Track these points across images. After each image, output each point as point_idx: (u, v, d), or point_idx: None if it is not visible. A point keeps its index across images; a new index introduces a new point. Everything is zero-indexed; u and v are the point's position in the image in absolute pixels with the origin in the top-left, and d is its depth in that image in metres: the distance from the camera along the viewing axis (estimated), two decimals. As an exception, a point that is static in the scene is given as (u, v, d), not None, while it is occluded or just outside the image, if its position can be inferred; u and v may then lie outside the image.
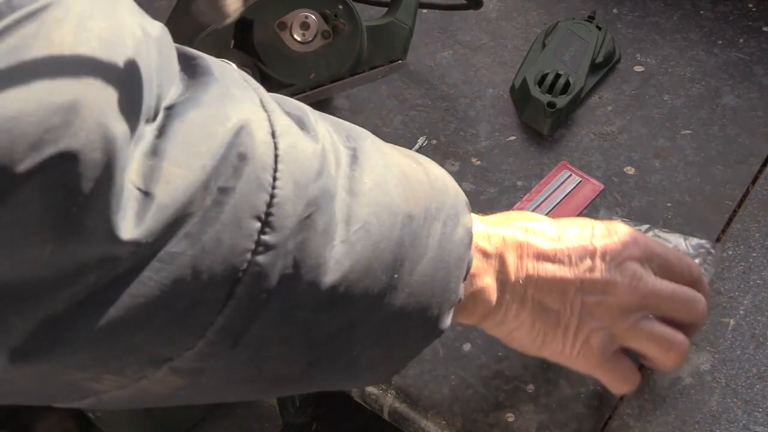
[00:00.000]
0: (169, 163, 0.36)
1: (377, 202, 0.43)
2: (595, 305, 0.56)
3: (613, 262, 0.56)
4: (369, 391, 0.69)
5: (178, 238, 0.36)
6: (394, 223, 0.43)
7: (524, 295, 0.55)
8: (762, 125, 0.84)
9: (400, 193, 0.45)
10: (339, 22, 0.72)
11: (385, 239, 0.43)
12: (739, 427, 0.66)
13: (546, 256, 0.55)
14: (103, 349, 0.36)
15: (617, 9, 0.94)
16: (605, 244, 0.57)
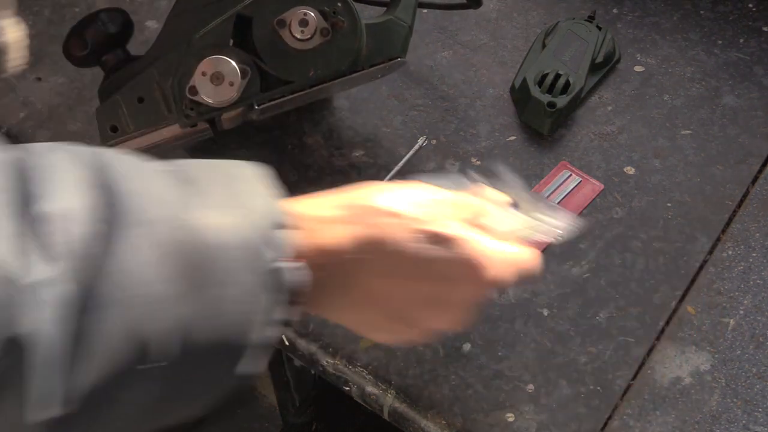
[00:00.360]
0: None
1: (128, 296, 0.40)
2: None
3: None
4: (369, 391, 0.69)
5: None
6: (151, 310, 0.41)
7: (354, 278, 0.51)
8: (762, 125, 0.84)
9: (167, 275, 0.41)
10: (338, 20, 0.72)
11: (133, 329, 0.40)
12: (739, 427, 0.66)
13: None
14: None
15: (617, 9, 0.94)
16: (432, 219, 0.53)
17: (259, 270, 0.45)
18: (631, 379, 0.69)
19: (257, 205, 0.47)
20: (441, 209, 0.52)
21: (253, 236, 0.45)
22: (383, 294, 0.51)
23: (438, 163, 0.82)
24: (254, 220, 0.46)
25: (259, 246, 0.45)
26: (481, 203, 0.56)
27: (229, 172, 0.48)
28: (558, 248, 0.76)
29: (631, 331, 0.71)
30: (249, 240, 0.45)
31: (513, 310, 0.73)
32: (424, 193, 0.53)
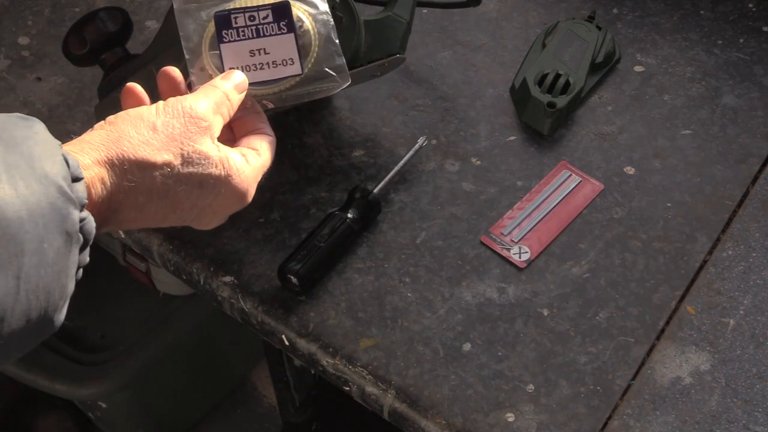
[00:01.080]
0: None
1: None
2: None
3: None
4: (369, 391, 0.69)
5: None
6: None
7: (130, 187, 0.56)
8: (762, 125, 0.84)
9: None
10: (336, 16, 0.72)
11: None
12: (739, 427, 0.66)
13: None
14: None
15: (617, 9, 0.94)
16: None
17: (64, 230, 0.47)
18: (631, 379, 0.69)
19: (49, 163, 0.48)
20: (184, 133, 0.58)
21: (54, 198, 0.47)
22: (168, 210, 0.58)
23: (438, 163, 0.82)
24: (50, 182, 0.47)
25: (62, 207, 0.47)
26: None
27: (13, 136, 0.48)
28: (558, 248, 0.76)
29: (631, 331, 0.71)
30: (52, 203, 0.47)
31: (513, 310, 0.73)
32: (167, 121, 0.58)
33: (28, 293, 0.46)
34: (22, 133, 0.49)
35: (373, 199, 0.76)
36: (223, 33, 0.68)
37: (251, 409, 1.66)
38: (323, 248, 0.73)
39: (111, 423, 1.44)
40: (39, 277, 0.46)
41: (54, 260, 0.47)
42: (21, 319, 0.46)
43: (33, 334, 0.48)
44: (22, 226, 0.45)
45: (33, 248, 0.46)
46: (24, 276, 0.45)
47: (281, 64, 0.68)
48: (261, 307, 0.73)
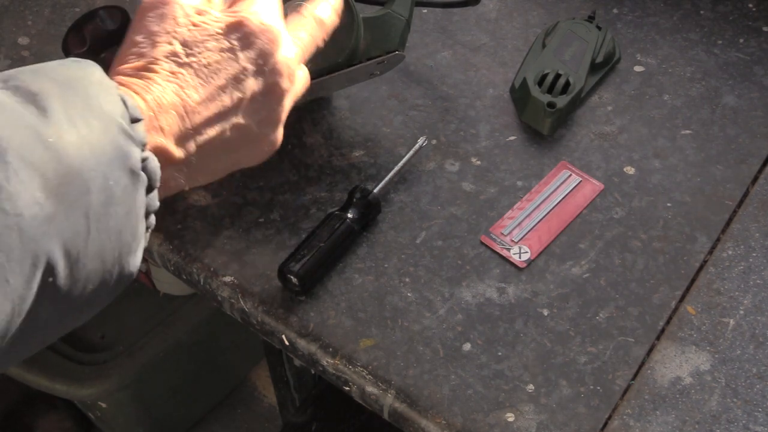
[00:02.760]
0: None
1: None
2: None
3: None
4: (369, 391, 0.69)
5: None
6: (29, 237, 0.42)
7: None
8: (762, 125, 0.84)
9: (33, 197, 0.42)
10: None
11: (20, 260, 0.41)
12: (739, 427, 0.66)
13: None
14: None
15: (617, 9, 0.94)
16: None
17: (128, 167, 0.47)
18: (631, 379, 0.69)
19: (107, 102, 0.48)
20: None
21: (114, 137, 0.47)
22: (222, 140, 0.56)
23: (438, 163, 0.82)
24: (110, 120, 0.47)
25: (123, 144, 0.47)
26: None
27: (68, 77, 0.48)
28: (558, 248, 0.76)
29: (631, 331, 0.71)
30: (113, 142, 0.46)
31: (513, 310, 0.73)
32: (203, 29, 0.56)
33: (100, 232, 0.45)
34: (78, 74, 0.48)
35: (373, 199, 0.76)
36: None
37: (251, 409, 1.66)
38: (323, 248, 0.73)
39: (111, 423, 1.44)
40: (108, 215, 0.46)
41: (121, 198, 0.47)
42: (96, 260, 0.45)
43: (110, 280, 0.47)
44: (86, 164, 0.44)
45: (99, 185, 0.45)
46: (93, 214, 0.45)
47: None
48: (261, 307, 0.73)
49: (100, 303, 0.49)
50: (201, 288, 0.76)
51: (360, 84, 0.87)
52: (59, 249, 0.43)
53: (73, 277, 0.44)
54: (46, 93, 0.45)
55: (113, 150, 0.46)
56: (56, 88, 0.46)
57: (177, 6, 0.56)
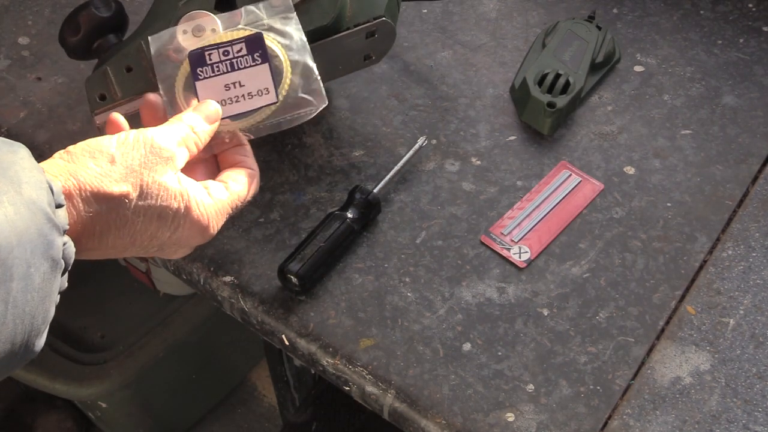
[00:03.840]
0: None
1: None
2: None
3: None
4: (369, 391, 0.69)
5: None
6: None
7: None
8: (762, 125, 0.84)
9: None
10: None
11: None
12: (739, 427, 0.66)
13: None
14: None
15: (617, 9, 0.94)
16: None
17: (50, 256, 0.48)
18: (631, 379, 0.69)
19: (34, 189, 0.49)
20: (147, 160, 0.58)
21: (41, 225, 0.48)
22: (126, 242, 0.58)
23: (438, 163, 0.82)
24: (37, 208, 0.48)
25: (48, 233, 0.48)
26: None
27: (0, 160, 0.49)
28: (558, 248, 0.76)
29: (631, 331, 0.71)
30: (39, 230, 0.48)
31: (513, 310, 0.73)
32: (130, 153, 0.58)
33: (15, 318, 0.46)
34: (8, 158, 0.49)
35: (373, 199, 0.76)
36: (198, 71, 0.69)
37: (251, 409, 1.66)
38: (323, 248, 0.73)
39: (111, 423, 1.44)
40: (26, 302, 0.47)
41: (40, 285, 0.48)
42: (6, 344, 0.46)
43: (14, 360, 0.48)
44: (12, 252, 0.46)
45: (21, 273, 0.46)
46: (12, 300, 0.46)
47: (257, 94, 0.69)
48: (261, 307, 0.73)
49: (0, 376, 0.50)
50: (201, 288, 0.76)
51: (360, 83, 0.87)
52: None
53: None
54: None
55: (38, 238, 0.47)
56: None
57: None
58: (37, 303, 0.48)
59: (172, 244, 0.61)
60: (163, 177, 0.58)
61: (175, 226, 0.59)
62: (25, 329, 0.48)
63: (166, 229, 0.59)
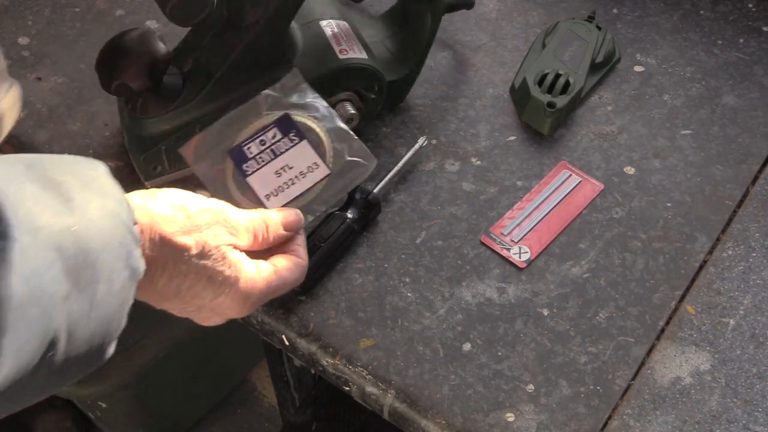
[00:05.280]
0: None
1: (25, 303, 0.43)
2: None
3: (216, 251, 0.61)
4: (369, 391, 0.69)
5: None
6: (48, 314, 0.45)
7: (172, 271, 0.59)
8: (762, 125, 0.84)
9: (55, 275, 0.45)
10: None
11: (36, 336, 0.44)
12: (739, 427, 0.66)
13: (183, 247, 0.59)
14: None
15: (617, 9, 0.94)
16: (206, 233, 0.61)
17: (129, 264, 0.51)
18: (631, 379, 0.69)
19: (116, 203, 0.52)
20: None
21: (123, 235, 0.51)
22: (172, 292, 0.60)
23: (438, 163, 0.82)
24: (119, 220, 0.51)
25: (128, 243, 0.51)
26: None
27: (83, 173, 0.52)
28: (558, 248, 0.76)
29: (631, 331, 0.71)
30: (121, 239, 0.51)
31: (513, 310, 0.73)
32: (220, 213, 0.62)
33: (97, 320, 0.49)
34: (90, 174, 0.52)
35: (373, 199, 0.76)
36: (244, 167, 0.70)
37: (251, 409, 1.66)
38: (324, 248, 0.73)
39: (111, 423, 1.43)
40: (107, 305, 0.49)
41: (119, 291, 0.50)
42: (84, 345, 0.48)
43: (88, 363, 0.51)
44: (99, 255, 0.48)
45: (105, 277, 0.49)
46: (96, 303, 0.48)
47: (308, 171, 0.71)
48: (261, 307, 0.73)
49: (71, 381, 0.52)
50: (201, 288, 0.76)
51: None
52: (65, 328, 0.46)
53: (67, 355, 0.47)
54: (69, 184, 0.49)
55: (119, 246, 0.50)
56: (77, 181, 0.50)
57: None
58: (115, 309, 0.50)
59: (211, 310, 0.63)
60: (224, 246, 0.61)
61: (221, 291, 0.61)
62: (103, 333, 0.50)
63: (211, 293, 0.61)
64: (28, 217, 0.45)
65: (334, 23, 0.81)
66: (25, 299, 0.43)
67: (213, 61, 0.74)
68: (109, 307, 0.50)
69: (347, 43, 0.80)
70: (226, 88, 0.75)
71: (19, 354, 0.43)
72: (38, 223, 0.46)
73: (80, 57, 0.91)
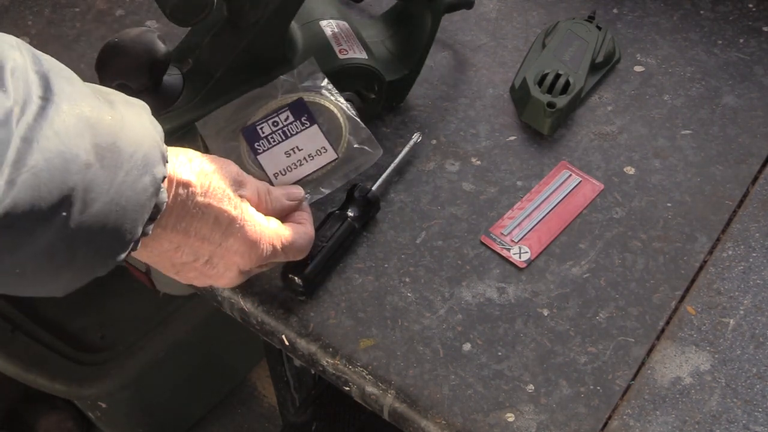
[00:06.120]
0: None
1: (51, 150, 0.48)
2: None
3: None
4: (369, 391, 0.69)
5: None
6: (68, 169, 0.49)
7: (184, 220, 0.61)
8: (762, 125, 0.84)
9: (83, 144, 0.50)
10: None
11: (54, 182, 0.48)
12: (739, 427, 0.66)
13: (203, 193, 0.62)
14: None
15: (617, 9, 0.94)
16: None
17: (151, 172, 0.54)
18: (631, 379, 0.69)
19: (150, 122, 0.57)
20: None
21: (151, 144, 0.55)
22: (180, 235, 0.61)
23: (438, 163, 0.82)
24: (150, 133, 0.56)
25: (154, 154, 0.55)
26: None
27: (133, 102, 0.58)
28: (558, 248, 0.76)
29: (631, 331, 0.71)
30: (151, 149, 0.55)
31: (513, 310, 0.73)
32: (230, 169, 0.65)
33: (113, 204, 0.52)
34: (136, 103, 0.58)
35: (372, 197, 0.76)
36: (256, 145, 0.73)
37: (251, 409, 1.66)
38: (326, 248, 0.73)
39: (111, 423, 1.44)
40: (122, 195, 0.52)
41: (139, 191, 0.53)
42: (98, 222, 0.51)
43: (97, 248, 0.53)
44: (126, 148, 0.53)
45: (128, 168, 0.52)
46: (115, 185, 0.52)
47: (316, 154, 0.74)
48: (261, 307, 0.73)
49: (79, 270, 0.54)
50: (201, 288, 0.76)
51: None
52: (81, 192, 0.50)
53: (79, 224, 0.50)
54: (115, 98, 0.56)
55: (147, 149, 0.54)
56: (122, 99, 0.57)
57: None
58: (132, 205, 0.53)
59: (221, 258, 0.64)
60: (228, 188, 0.62)
61: (229, 233, 0.62)
62: (117, 218, 0.52)
63: (219, 234, 0.62)
64: (72, 97, 0.51)
65: (334, 23, 0.81)
66: (53, 147, 0.48)
67: (213, 61, 0.74)
68: (126, 199, 0.52)
69: (347, 43, 0.80)
70: (226, 88, 0.75)
71: (35, 181, 0.47)
72: (79, 103, 0.51)
73: (80, 57, 0.91)
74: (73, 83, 0.53)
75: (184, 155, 0.61)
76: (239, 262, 0.65)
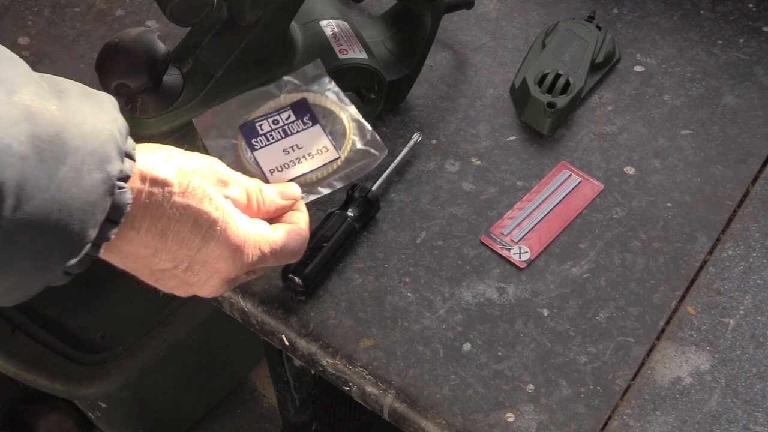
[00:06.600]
0: None
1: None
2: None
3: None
4: (369, 391, 0.69)
5: None
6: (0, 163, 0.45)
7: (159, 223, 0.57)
8: (762, 125, 0.84)
9: (17, 134, 0.46)
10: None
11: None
12: (739, 427, 0.66)
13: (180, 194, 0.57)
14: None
15: (617, 9, 0.94)
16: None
17: (104, 169, 0.50)
18: (631, 379, 0.69)
19: (110, 118, 0.52)
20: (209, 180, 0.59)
21: (106, 140, 0.50)
22: (157, 238, 0.57)
23: (438, 163, 0.82)
24: (106, 128, 0.51)
25: (110, 150, 0.51)
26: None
27: (94, 95, 0.53)
28: (558, 248, 0.76)
29: (631, 331, 0.71)
30: (105, 144, 0.50)
31: (513, 310, 0.73)
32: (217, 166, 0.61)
33: (54, 198, 0.48)
34: (99, 94, 0.53)
35: (372, 197, 0.76)
36: (253, 142, 0.72)
37: (251, 409, 1.66)
38: (327, 248, 0.73)
39: (111, 423, 1.44)
40: (66, 192, 0.48)
41: (86, 189, 0.49)
42: (39, 218, 0.47)
43: (42, 246, 0.49)
44: (72, 142, 0.48)
45: (72, 164, 0.48)
46: (57, 181, 0.48)
47: (317, 153, 0.73)
48: (261, 307, 0.73)
49: (21, 276, 0.50)
50: (201, 288, 0.76)
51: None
52: (13, 186, 0.46)
53: (15, 220, 0.46)
54: (70, 89, 0.51)
55: (99, 145, 0.50)
56: (79, 90, 0.52)
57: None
58: (80, 203, 0.49)
59: (202, 264, 0.59)
60: (210, 187, 0.58)
61: (209, 237, 0.58)
62: (62, 219, 0.48)
63: (199, 239, 0.57)
64: (11, 82, 0.47)
65: (334, 23, 0.81)
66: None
67: (213, 61, 0.74)
68: (70, 197, 0.48)
69: (347, 43, 0.80)
70: (226, 88, 0.75)
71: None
72: (19, 91, 0.47)
73: (80, 57, 0.91)
74: (16, 69, 0.49)
75: (162, 151, 0.57)
76: (222, 269, 0.60)
